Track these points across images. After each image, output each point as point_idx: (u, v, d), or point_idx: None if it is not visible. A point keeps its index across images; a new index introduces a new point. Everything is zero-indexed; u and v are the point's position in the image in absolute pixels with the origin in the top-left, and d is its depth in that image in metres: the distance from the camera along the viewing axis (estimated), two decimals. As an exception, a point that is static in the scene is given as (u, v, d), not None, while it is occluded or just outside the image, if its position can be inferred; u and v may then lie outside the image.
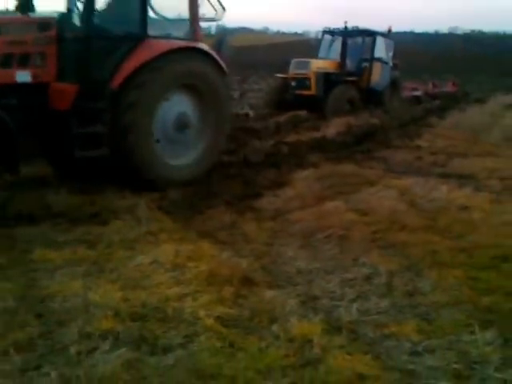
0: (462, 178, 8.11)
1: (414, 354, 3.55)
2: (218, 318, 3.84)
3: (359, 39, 17.15)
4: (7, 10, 7.76)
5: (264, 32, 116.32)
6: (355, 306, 4.19)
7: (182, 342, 3.53)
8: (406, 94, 20.27)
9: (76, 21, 7.31)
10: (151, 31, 7.26)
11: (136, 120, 6.87)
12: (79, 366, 3.24)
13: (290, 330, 3.71)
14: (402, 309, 4.17)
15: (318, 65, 15.48)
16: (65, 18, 7.12)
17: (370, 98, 15.69)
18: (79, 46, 6.82)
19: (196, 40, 7.78)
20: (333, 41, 17.06)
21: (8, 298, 4.06)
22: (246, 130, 11.82)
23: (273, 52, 42.42)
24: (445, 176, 8.26)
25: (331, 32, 17.10)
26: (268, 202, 6.87)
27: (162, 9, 7.86)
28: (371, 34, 16.69)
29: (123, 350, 3.39)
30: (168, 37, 7.83)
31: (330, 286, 4.54)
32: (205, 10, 8.03)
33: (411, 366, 3.40)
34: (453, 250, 5.24)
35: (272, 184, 7.57)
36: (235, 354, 3.43)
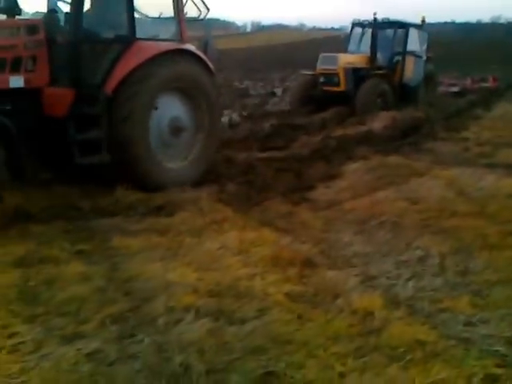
0: (510, 168, 8.27)
1: (469, 324, 3.87)
2: (286, 295, 4.24)
3: (390, 31, 16.06)
4: None
5: (300, 28, 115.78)
6: (411, 284, 4.53)
7: (256, 315, 3.93)
8: (443, 89, 19.60)
9: (62, 22, 7.18)
10: (139, 33, 7.23)
11: (132, 129, 6.88)
12: (168, 334, 3.68)
13: (353, 304, 4.08)
14: (455, 286, 4.49)
15: (347, 59, 14.84)
16: (51, 19, 7.07)
17: (403, 93, 15.17)
18: (69, 49, 6.80)
19: (183, 41, 7.75)
20: (363, 34, 16.23)
21: (97, 278, 4.55)
22: (292, 125, 12.18)
23: (311, 48, 42.51)
24: (492, 166, 8.44)
25: (361, 24, 16.22)
26: (321, 193, 7.23)
27: (146, 8, 7.89)
28: (403, 26, 15.74)
29: (205, 320, 3.81)
30: (156, 38, 7.81)
31: (385, 267, 4.88)
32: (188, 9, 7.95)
33: (466, 335, 3.73)
34: (502, 234, 5.51)
35: (323, 176, 7.92)
36: (304, 324, 3.82)
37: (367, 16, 15.83)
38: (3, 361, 3.36)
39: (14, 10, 6.76)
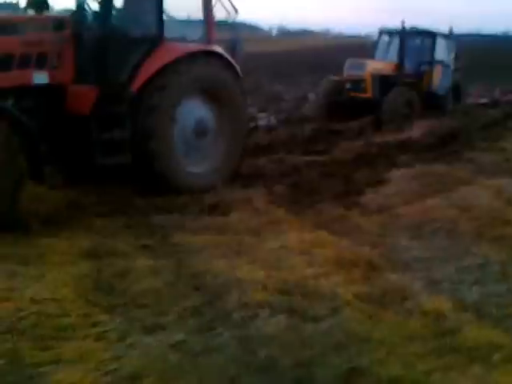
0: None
1: (539, 330, 3.91)
2: (355, 295, 4.31)
3: (418, 40, 15.91)
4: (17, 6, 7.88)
5: (325, 34, 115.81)
6: (475, 289, 4.58)
7: (328, 313, 4.01)
8: (471, 100, 19.21)
9: (90, 19, 7.22)
10: (166, 33, 7.16)
11: (157, 125, 6.83)
12: (245, 328, 3.78)
13: (422, 306, 4.15)
14: (519, 293, 4.53)
15: (375, 66, 14.55)
16: (79, 16, 7.03)
17: (430, 102, 14.77)
18: (96, 46, 6.72)
19: (210, 42, 7.66)
20: (390, 41, 15.97)
21: (166, 273, 4.67)
22: (331, 130, 12.25)
23: (338, 54, 42.46)
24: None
25: (388, 32, 16.13)
26: (370, 198, 7.28)
27: (174, 10, 7.72)
28: (431, 35, 15.58)
29: (280, 317, 3.90)
30: (183, 39, 7.70)
31: (447, 272, 4.94)
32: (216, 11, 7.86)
33: (539, 340, 3.77)
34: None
35: (370, 181, 7.97)
36: (377, 324, 3.89)
37: (391, 23, 15.68)
38: (92, 348, 3.47)
39: (42, 5, 6.75)
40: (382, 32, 16.31)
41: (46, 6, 6.83)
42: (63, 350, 3.42)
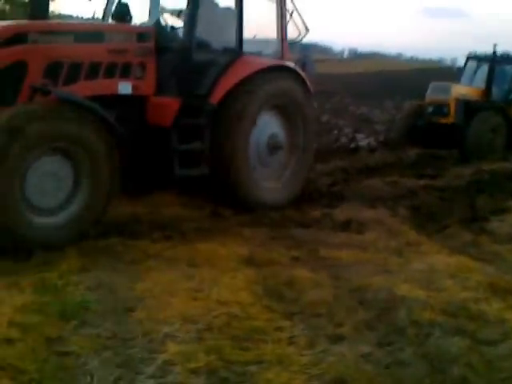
0: None
1: None
2: (521, 323, 4.36)
3: (509, 67, 15.07)
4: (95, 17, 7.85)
5: (397, 58, 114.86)
6: None
7: (500, 338, 4.08)
8: None
9: (171, 33, 7.41)
10: (245, 48, 7.29)
11: (235, 140, 6.93)
12: (423, 345, 3.89)
13: None
14: None
15: (460, 90, 14.04)
16: (161, 28, 7.21)
17: None
18: (179, 57, 6.72)
19: (284, 58, 7.79)
20: (478, 67, 15.42)
21: (326, 285, 4.84)
22: (434, 156, 12.26)
23: (415, 78, 42.14)
24: None
25: (477, 57, 15.45)
26: (497, 225, 7.27)
27: (252, 28, 7.79)
28: None
29: (457, 338, 3.99)
30: (259, 54, 7.81)
31: None
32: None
33: None
34: None
35: (492, 209, 7.96)
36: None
37: (462, 48, 15.03)
38: (287, 352, 3.67)
39: (125, 17, 6.87)
40: (469, 58, 15.81)
41: (130, 18, 6.94)
42: (262, 352, 3.63)
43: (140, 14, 7.70)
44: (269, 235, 6.14)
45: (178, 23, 7.64)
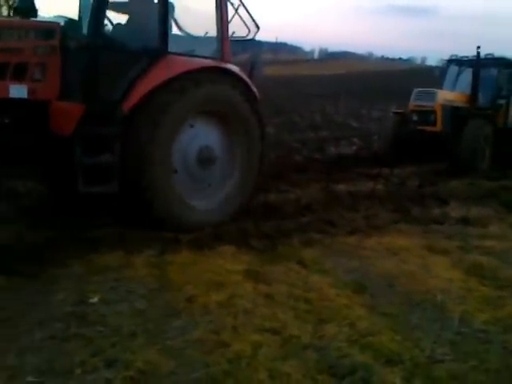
0: None
1: None
2: None
3: (494, 70, 14.13)
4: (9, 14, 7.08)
5: (368, 57, 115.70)
6: None
7: None
8: None
9: (83, 29, 6.57)
10: (174, 48, 6.43)
11: (152, 151, 6.04)
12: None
13: None
14: None
15: (446, 96, 13.23)
16: (73, 26, 6.46)
17: (505, 138, 13.14)
18: (85, 58, 5.90)
19: (224, 60, 6.88)
20: (461, 71, 14.63)
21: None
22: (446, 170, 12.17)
23: (393, 80, 42.81)
24: None
25: (458, 61, 14.69)
26: None
27: (187, 25, 7.27)
28: (510, 64, 14.03)
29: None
30: (191, 54, 6.88)
31: None
32: (236, 27, 7.24)
33: None
34: None
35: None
36: None
37: (432, 48, 14.25)
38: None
39: (29, 11, 6.14)
40: (450, 61, 15.06)
41: (34, 13, 6.19)
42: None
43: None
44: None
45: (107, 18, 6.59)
